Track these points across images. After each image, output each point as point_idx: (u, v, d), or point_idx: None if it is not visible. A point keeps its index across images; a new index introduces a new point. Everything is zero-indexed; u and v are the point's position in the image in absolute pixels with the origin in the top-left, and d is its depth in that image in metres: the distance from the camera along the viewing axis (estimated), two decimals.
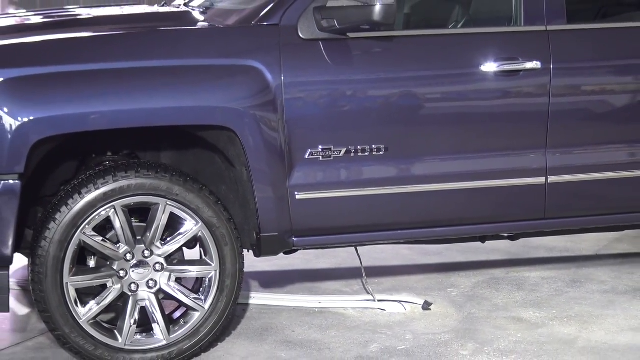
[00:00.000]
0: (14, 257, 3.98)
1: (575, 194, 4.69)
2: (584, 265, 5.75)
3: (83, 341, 4.07)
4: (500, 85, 4.48)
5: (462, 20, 4.82)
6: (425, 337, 4.57)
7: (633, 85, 4.70)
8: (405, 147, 4.39)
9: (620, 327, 4.70)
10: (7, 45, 4.06)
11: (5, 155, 3.82)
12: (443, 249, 5.88)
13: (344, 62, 4.26)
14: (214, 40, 4.26)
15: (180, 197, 4.09)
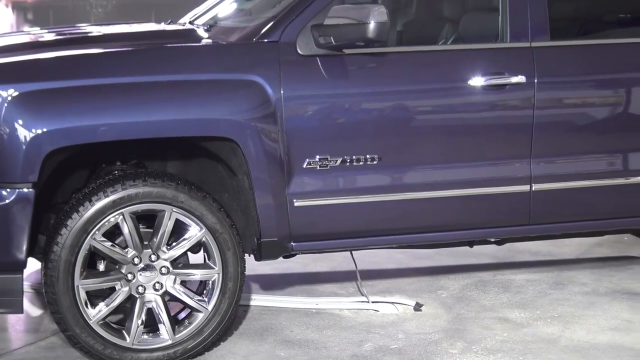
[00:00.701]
0: (28, 261, 3.99)
1: (558, 201, 4.69)
2: (566, 268, 5.75)
3: (93, 341, 4.06)
4: (487, 99, 4.48)
5: (451, 37, 4.83)
6: (417, 336, 4.57)
7: (613, 99, 4.72)
8: (398, 156, 4.40)
9: (600, 327, 4.70)
10: (22, 61, 4.06)
11: (20, 165, 3.82)
12: (433, 253, 5.87)
13: (340, 76, 4.27)
14: (217, 56, 4.27)
15: (185, 204, 4.09)
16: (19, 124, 3.82)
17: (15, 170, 3.83)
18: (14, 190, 3.85)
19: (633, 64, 4.75)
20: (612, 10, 5.17)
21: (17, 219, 3.86)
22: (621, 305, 5.04)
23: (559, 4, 4.76)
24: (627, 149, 4.75)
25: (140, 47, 4.38)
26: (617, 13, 5.17)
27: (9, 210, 3.85)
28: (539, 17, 4.55)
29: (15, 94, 3.84)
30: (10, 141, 3.82)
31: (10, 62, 4.04)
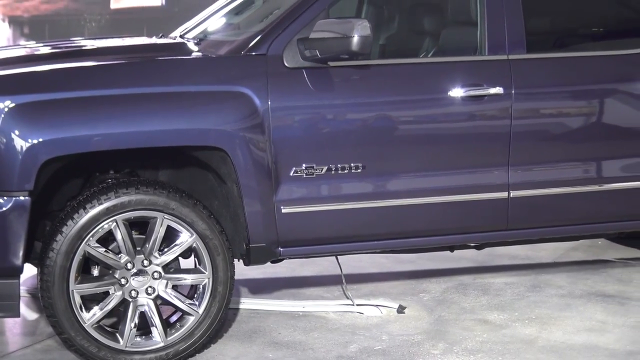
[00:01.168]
0: (24, 266, 3.98)
1: (535, 207, 4.70)
2: (543, 271, 5.76)
3: (87, 344, 4.05)
4: (466, 109, 4.50)
5: (432, 50, 4.84)
6: (400, 337, 4.57)
7: (586, 109, 4.74)
8: (381, 165, 4.40)
9: (576, 328, 4.72)
10: (18, 73, 4.06)
11: (17, 174, 3.82)
12: (415, 258, 5.88)
13: (325, 88, 4.28)
14: (207, 68, 4.27)
15: (177, 211, 4.09)
16: (16, 134, 3.81)
17: (12, 178, 3.83)
18: (11, 198, 3.84)
19: (605, 76, 4.78)
20: (585, 24, 5.19)
21: (14, 226, 3.86)
22: (596, 307, 5.05)
23: (535, 18, 4.77)
24: (600, 158, 4.77)
25: (133, 60, 4.38)
26: (590, 27, 5.20)
27: (6, 217, 3.84)
28: (515, 31, 4.57)
29: (12, 105, 3.84)
30: (7, 151, 3.81)
31: (6, 75, 4.03)
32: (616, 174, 4.79)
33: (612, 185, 4.79)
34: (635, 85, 4.76)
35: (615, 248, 6.36)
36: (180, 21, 5.54)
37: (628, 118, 4.79)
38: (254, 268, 4.70)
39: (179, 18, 6.22)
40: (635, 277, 5.62)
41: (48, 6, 13.16)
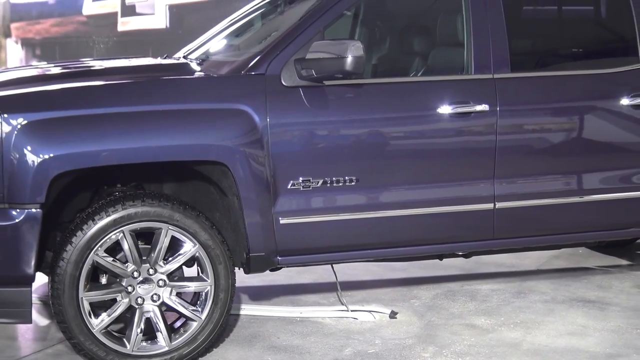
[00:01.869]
0: (36, 275, 3.98)
1: (519, 217, 4.71)
2: (527, 278, 5.76)
3: (96, 348, 4.05)
4: (454, 125, 4.51)
5: (422, 70, 4.86)
6: (392, 341, 4.57)
7: (567, 125, 4.75)
8: (374, 178, 4.41)
9: (559, 332, 4.72)
10: (31, 92, 4.06)
11: (29, 188, 3.82)
12: (407, 266, 5.88)
13: (320, 105, 4.29)
14: (209, 87, 4.28)
15: (180, 222, 4.09)
16: (28, 150, 3.82)
17: (25, 192, 3.83)
18: (23, 211, 3.85)
19: (585, 94, 4.79)
20: (565, 45, 5.21)
21: (26, 237, 3.86)
22: (577, 312, 5.05)
23: (518, 39, 4.79)
24: (581, 171, 4.78)
25: (139, 79, 4.38)
26: (570, 48, 5.21)
27: (19, 229, 3.84)
28: (500, 51, 4.59)
29: (25, 123, 3.84)
30: (20, 165, 3.82)
31: (19, 94, 4.04)
32: (596, 186, 4.80)
33: (592, 196, 4.79)
34: (612, 102, 4.77)
35: (595, 256, 6.36)
36: (184, 43, 5.55)
37: (606, 133, 4.80)
38: (254, 276, 4.69)
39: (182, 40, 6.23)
40: (615, 284, 5.63)
41: (58, 29, 13.17)
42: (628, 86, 4.80)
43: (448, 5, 4.85)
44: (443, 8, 4.96)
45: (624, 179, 4.83)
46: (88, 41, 12.62)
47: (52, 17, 13.23)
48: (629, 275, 5.85)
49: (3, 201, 3.85)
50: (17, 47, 13.95)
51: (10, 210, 3.86)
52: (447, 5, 4.87)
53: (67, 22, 12.99)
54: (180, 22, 11.45)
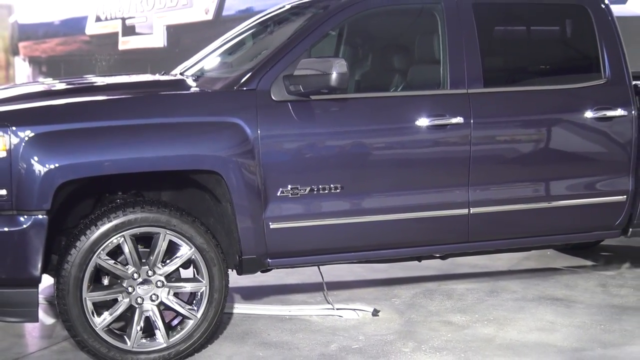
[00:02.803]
0: (42, 277, 3.96)
1: (492, 222, 4.72)
2: (499, 278, 5.77)
3: (98, 345, 4.04)
4: (431, 136, 4.52)
5: (401, 85, 4.86)
6: (375, 337, 4.57)
7: (536, 136, 4.77)
8: (357, 185, 4.41)
9: (529, 328, 4.73)
10: (37, 107, 4.05)
11: (36, 195, 3.81)
12: (388, 267, 5.88)
13: (307, 118, 4.29)
14: (204, 102, 4.28)
15: (177, 227, 4.08)
16: (35, 160, 3.81)
17: (32, 199, 3.82)
18: (30, 217, 3.83)
19: (551, 107, 4.81)
20: (534, 62, 5.23)
21: (33, 242, 3.84)
22: (546, 309, 5.07)
23: (491, 57, 4.81)
24: (548, 178, 4.79)
25: (138, 94, 4.38)
26: (538, 65, 5.23)
27: (26, 234, 3.83)
28: (473, 68, 4.61)
29: (32, 135, 3.83)
30: (27, 174, 3.81)
31: (27, 108, 4.03)
32: (562, 193, 4.82)
33: (559, 202, 4.81)
34: (577, 116, 4.80)
35: (562, 257, 6.39)
36: (180, 60, 5.55)
37: (572, 144, 4.82)
38: (246, 277, 4.69)
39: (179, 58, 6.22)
40: (580, 283, 5.65)
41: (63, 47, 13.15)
42: (592, 100, 4.83)
43: (425, 26, 4.86)
44: (421, 28, 4.97)
45: (589, 186, 4.85)
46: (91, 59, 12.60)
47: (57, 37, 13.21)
48: (593, 275, 5.87)
49: (11, 208, 3.84)
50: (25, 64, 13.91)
51: (18, 217, 3.84)
52: (425, 25, 4.88)
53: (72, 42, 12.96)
54: (177, 42, 11.45)
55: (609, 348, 4.43)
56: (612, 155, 4.87)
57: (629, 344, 4.50)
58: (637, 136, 4.87)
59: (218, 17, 10.89)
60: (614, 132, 4.84)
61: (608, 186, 4.88)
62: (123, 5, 12.04)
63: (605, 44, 4.94)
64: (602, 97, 4.85)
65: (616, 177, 4.88)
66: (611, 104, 4.83)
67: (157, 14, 11.59)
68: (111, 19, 12.22)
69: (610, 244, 6.60)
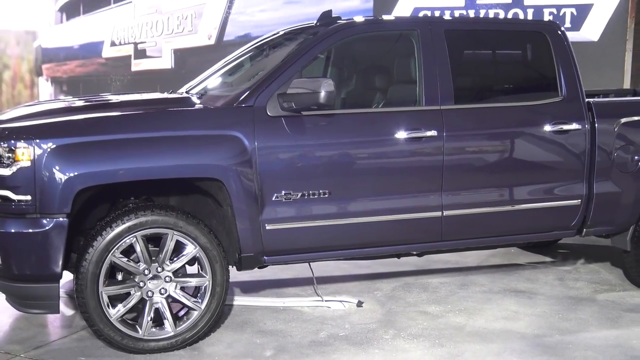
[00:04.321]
0: (63, 273, 3.95)
1: (463, 223, 4.72)
2: (469, 273, 5.79)
3: (113, 334, 4.03)
4: (409, 147, 4.52)
5: (382, 102, 4.87)
6: (359, 326, 4.57)
7: (501, 147, 4.77)
8: (343, 191, 4.41)
9: (495, 317, 4.74)
10: (59, 121, 4.04)
11: (57, 200, 3.81)
12: (371, 263, 5.89)
13: (299, 132, 4.29)
14: (207, 117, 4.27)
15: (184, 229, 4.08)
16: (56, 169, 3.80)
17: (53, 204, 3.81)
18: (52, 219, 3.83)
19: (515, 122, 4.82)
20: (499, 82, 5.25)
21: (55, 242, 3.84)
22: (510, 300, 5.08)
23: (461, 77, 4.82)
24: (512, 184, 4.80)
25: (149, 110, 4.37)
26: (503, 84, 5.25)
27: (49, 235, 3.82)
28: (446, 87, 4.62)
29: (54, 147, 3.83)
30: (50, 182, 3.80)
31: (49, 123, 4.02)
32: (524, 197, 4.82)
33: (521, 206, 4.82)
34: (537, 129, 4.81)
35: (525, 254, 6.41)
36: (186, 80, 5.54)
37: (533, 154, 4.83)
38: (245, 272, 4.68)
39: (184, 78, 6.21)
40: (540, 277, 5.67)
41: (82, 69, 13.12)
42: (550, 116, 4.84)
43: (403, 50, 4.88)
44: (399, 52, 4.99)
45: (548, 191, 4.87)
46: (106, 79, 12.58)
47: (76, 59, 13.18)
48: (552, 270, 5.89)
49: (35, 211, 3.83)
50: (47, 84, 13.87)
51: (41, 219, 3.83)
52: (402, 50, 4.90)
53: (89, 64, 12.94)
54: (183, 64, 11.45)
55: (566, 334, 4.44)
56: (568, 164, 4.89)
57: (583, 331, 4.52)
58: (590, 147, 4.90)
59: (219, 42, 10.90)
60: (569, 143, 4.86)
61: (565, 191, 4.90)
62: (135, 32, 12.03)
63: (562, 66, 4.96)
64: (559, 113, 4.86)
65: (572, 183, 4.90)
66: (567, 119, 4.85)
67: (165, 39, 11.59)
68: (124, 43, 12.21)
69: (566, 242, 6.63)
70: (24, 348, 4.20)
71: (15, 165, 3.82)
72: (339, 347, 4.23)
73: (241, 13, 10.75)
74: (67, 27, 13.42)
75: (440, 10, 8.99)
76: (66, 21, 13.43)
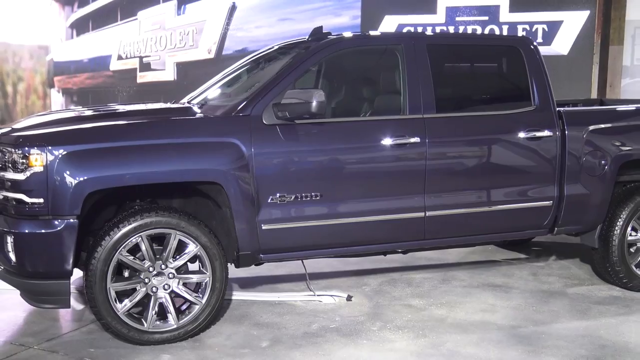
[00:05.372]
0: (74, 270, 3.94)
1: (444, 223, 4.72)
2: (450, 269, 5.79)
3: (120, 326, 4.01)
4: (394, 153, 4.52)
5: (369, 111, 4.87)
6: (349, 318, 4.56)
7: (479, 152, 4.78)
8: (334, 194, 4.40)
9: (474, 309, 4.74)
10: (69, 130, 4.04)
11: (68, 203, 3.80)
12: (359, 260, 5.88)
13: (292, 139, 4.29)
14: (207, 125, 4.27)
15: (186, 229, 4.07)
16: (67, 174, 3.79)
17: (64, 206, 3.80)
18: (64, 221, 3.82)
19: (491, 129, 4.83)
20: (477, 92, 5.25)
21: (66, 241, 3.82)
22: (488, 294, 5.09)
23: (442, 88, 4.82)
24: (490, 187, 4.80)
25: (153, 119, 4.36)
26: (481, 95, 5.25)
27: (60, 235, 3.81)
28: (428, 97, 4.62)
29: (65, 153, 3.82)
30: (61, 186, 3.79)
31: (61, 131, 4.01)
32: (501, 199, 4.83)
33: (498, 207, 4.83)
34: (512, 136, 4.82)
35: (501, 252, 6.42)
36: (188, 91, 5.53)
37: (508, 159, 4.84)
38: (242, 269, 4.67)
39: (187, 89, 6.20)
40: (516, 272, 5.68)
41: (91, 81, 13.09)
42: (524, 123, 4.85)
43: (388, 63, 4.88)
44: (385, 65, 4.99)
45: (522, 193, 4.88)
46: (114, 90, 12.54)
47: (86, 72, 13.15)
48: (526, 266, 5.90)
49: (48, 213, 3.82)
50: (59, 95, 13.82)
51: (53, 221, 3.82)
52: (388, 63, 4.90)
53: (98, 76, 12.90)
54: (185, 76, 11.43)
55: (539, 325, 4.45)
56: (541, 168, 4.90)
57: (555, 322, 4.53)
58: (560, 152, 4.91)
59: (219, 55, 10.90)
60: (541, 149, 4.87)
61: (537, 193, 4.90)
62: (140, 46, 12.01)
63: (534, 78, 4.98)
64: (532, 121, 4.87)
65: (544, 186, 4.91)
66: (539, 127, 4.87)
67: (168, 53, 11.57)
68: (130, 57, 12.18)
69: (540, 240, 6.65)
70: (37, 340, 4.18)
71: (29, 170, 3.80)
72: (330, 338, 4.22)
73: (239, 29, 10.76)
74: (77, 42, 13.39)
75: (423, 27, 9.02)
76: (76, 37, 13.39)
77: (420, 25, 9.04)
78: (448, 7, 8.96)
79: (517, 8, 8.68)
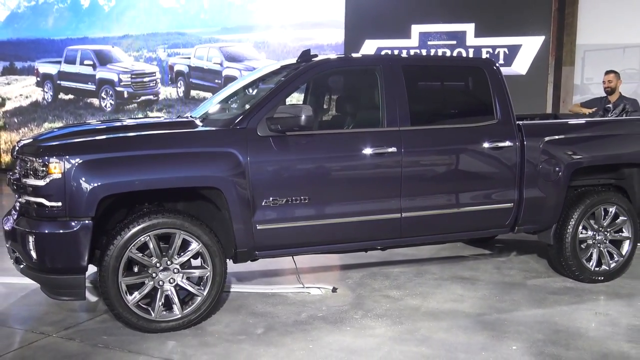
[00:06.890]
0: (89, 266, 3.91)
1: (418, 223, 4.72)
2: (423, 264, 5.80)
3: (130, 316, 3.99)
4: (374, 161, 4.53)
5: (352, 124, 4.88)
6: (334, 308, 4.56)
7: (449, 161, 4.78)
8: (320, 197, 4.40)
9: (445, 299, 4.75)
10: (85, 141, 4.02)
11: (83, 206, 3.79)
12: (343, 256, 5.89)
13: (284, 149, 4.29)
14: (208, 137, 4.26)
15: (189, 229, 4.06)
16: (83, 180, 3.78)
17: (80, 209, 3.79)
18: (80, 222, 3.80)
19: (460, 140, 4.83)
20: (447, 107, 5.27)
21: (82, 240, 3.80)
22: (457, 285, 5.10)
23: (415, 104, 4.83)
24: (458, 191, 4.81)
25: (159, 131, 4.34)
26: (450, 109, 5.27)
27: (76, 234, 3.79)
28: (403, 112, 4.63)
29: (81, 161, 3.80)
30: (77, 190, 3.78)
31: (77, 142, 4.00)
32: (468, 201, 4.84)
33: (466, 208, 4.83)
34: (478, 146, 4.82)
35: (468, 248, 6.44)
36: (190, 108, 5.51)
37: (474, 166, 4.85)
38: (240, 264, 4.66)
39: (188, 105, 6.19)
40: (481, 266, 5.70)
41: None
42: (488, 135, 4.87)
43: (368, 82, 4.90)
44: (365, 83, 5.00)
45: (486, 196, 4.90)
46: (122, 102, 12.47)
47: None
48: (491, 261, 5.93)
49: (65, 215, 3.80)
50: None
51: (70, 222, 3.80)
52: (368, 81, 4.91)
53: None
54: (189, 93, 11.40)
55: (502, 313, 4.47)
56: (503, 174, 4.92)
57: (516, 310, 4.55)
58: (520, 160, 4.93)
59: None
60: (503, 157, 4.90)
61: (500, 196, 4.93)
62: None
63: (497, 95, 5.01)
64: (495, 133, 4.90)
65: (506, 189, 4.93)
66: (501, 138, 4.89)
67: None
68: None
69: (502, 238, 6.68)
70: (56, 329, 4.15)
71: (48, 177, 3.78)
72: (318, 325, 4.22)
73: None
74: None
75: (399, 49, 9.07)
76: None
77: (397, 49, 9.10)
78: (421, 33, 9.03)
79: (482, 33, 8.76)
